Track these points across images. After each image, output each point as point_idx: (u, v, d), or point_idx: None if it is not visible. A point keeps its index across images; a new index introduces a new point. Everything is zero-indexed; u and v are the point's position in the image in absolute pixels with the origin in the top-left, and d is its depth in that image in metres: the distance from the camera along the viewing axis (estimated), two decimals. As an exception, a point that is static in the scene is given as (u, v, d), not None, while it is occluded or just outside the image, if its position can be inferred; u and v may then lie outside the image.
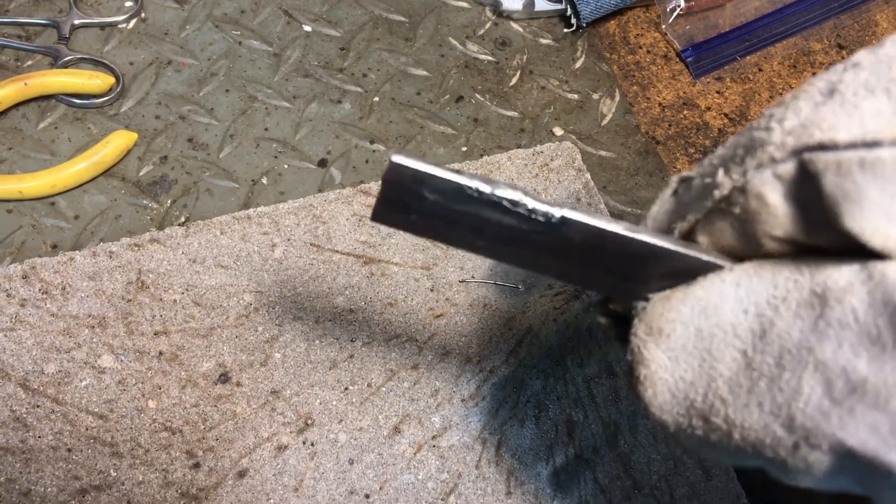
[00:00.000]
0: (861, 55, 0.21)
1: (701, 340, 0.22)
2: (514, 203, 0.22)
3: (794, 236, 0.21)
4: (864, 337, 0.19)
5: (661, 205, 0.25)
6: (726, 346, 0.22)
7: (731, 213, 0.22)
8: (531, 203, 0.22)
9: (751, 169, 0.21)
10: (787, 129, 0.20)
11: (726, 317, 0.22)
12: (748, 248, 0.23)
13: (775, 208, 0.20)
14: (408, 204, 0.23)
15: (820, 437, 0.20)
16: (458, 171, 0.22)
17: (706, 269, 0.24)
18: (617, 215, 0.53)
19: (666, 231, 0.24)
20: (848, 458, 0.20)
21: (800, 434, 0.20)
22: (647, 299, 0.24)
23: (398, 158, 0.22)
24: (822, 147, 0.19)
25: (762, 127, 0.21)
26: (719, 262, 0.23)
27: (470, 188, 0.22)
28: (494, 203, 0.23)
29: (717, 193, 0.22)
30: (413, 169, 0.22)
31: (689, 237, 0.24)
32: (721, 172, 0.22)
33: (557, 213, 0.23)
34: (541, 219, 0.23)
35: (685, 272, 0.24)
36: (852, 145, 0.18)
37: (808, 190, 0.20)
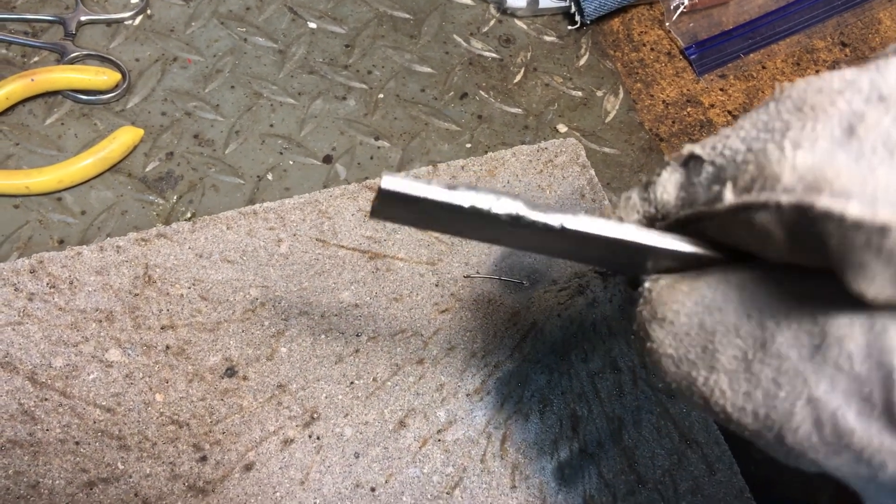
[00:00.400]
0: (891, 84, 0.19)
1: (703, 332, 0.23)
2: (514, 217, 0.22)
3: (798, 262, 0.21)
4: (857, 390, 0.19)
5: (672, 173, 0.25)
6: (729, 343, 0.22)
7: (736, 226, 0.22)
8: (531, 216, 0.22)
9: (758, 202, 0.20)
10: (800, 171, 0.19)
11: (730, 317, 0.22)
12: (753, 251, 0.23)
13: (779, 240, 0.20)
14: (404, 213, 0.23)
15: (807, 461, 0.21)
16: (453, 188, 0.22)
17: (711, 261, 0.24)
18: (621, 212, 0.53)
19: (672, 202, 0.24)
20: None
21: (789, 450, 0.21)
22: (654, 278, 0.25)
23: (388, 184, 0.22)
24: (830, 216, 0.18)
25: (777, 139, 0.20)
26: (723, 257, 0.24)
27: (464, 207, 0.22)
28: (493, 217, 0.22)
29: (721, 207, 0.21)
30: (405, 193, 0.22)
31: (694, 223, 0.24)
32: (730, 189, 0.21)
33: (557, 222, 0.23)
34: (541, 227, 0.23)
35: (690, 260, 0.24)
36: (860, 225, 0.17)
37: (813, 237, 0.19)
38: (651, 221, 0.26)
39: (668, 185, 0.25)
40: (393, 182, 0.21)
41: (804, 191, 0.19)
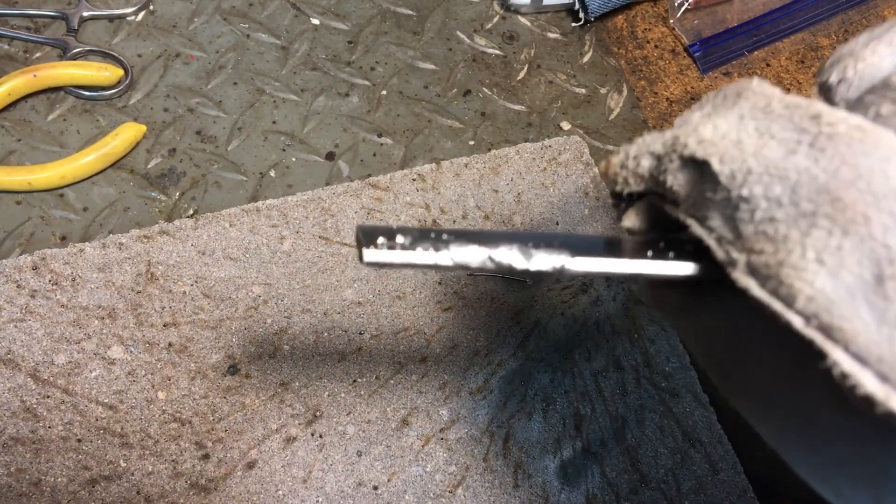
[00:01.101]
0: None
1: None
2: (508, 268, 0.22)
3: None
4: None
5: (682, 168, 0.24)
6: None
7: None
8: (527, 266, 0.22)
9: (769, 307, 0.19)
10: (818, 302, 0.18)
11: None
12: None
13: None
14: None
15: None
16: (439, 247, 0.21)
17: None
18: (624, 210, 0.53)
19: (682, 195, 0.24)
20: None
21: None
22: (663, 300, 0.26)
23: (370, 258, 0.21)
24: (844, 375, 0.17)
25: (802, 228, 0.19)
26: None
27: (453, 266, 0.21)
28: (486, 269, 0.22)
29: (731, 274, 0.21)
30: (389, 263, 0.21)
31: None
32: (742, 267, 0.20)
33: (551, 267, 0.22)
34: (538, 274, 0.23)
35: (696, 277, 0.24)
36: (872, 398, 0.17)
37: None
38: (660, 198, 0.25)
39: (680, 177, 0.23)
40: (374, 255, 0.21)
41: (818, 329, 0.18)
